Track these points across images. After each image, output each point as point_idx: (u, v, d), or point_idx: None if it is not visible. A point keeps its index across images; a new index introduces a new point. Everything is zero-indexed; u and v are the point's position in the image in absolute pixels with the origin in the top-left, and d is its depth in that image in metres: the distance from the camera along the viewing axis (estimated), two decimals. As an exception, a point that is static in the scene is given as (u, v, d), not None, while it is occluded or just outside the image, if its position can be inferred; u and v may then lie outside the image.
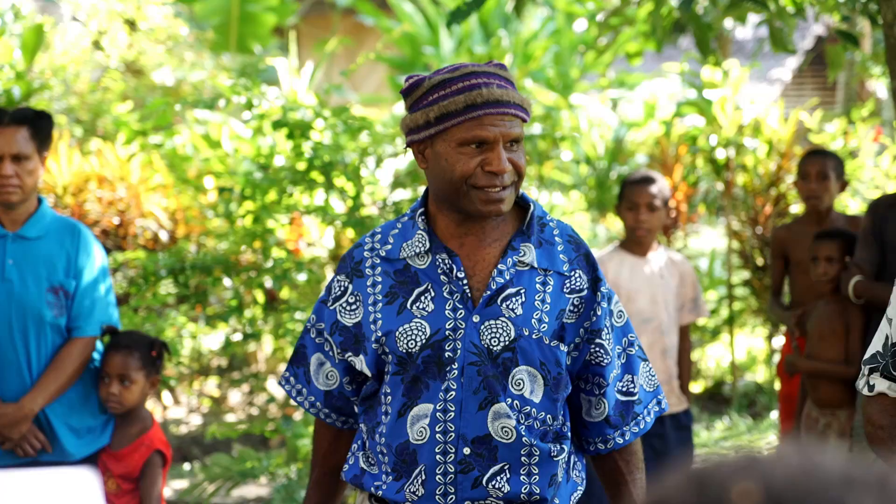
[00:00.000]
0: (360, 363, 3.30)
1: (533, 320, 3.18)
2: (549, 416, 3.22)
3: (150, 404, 9.23)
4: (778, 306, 6.94)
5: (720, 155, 10.09)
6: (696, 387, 10.46)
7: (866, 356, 3.01)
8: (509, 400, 3.16)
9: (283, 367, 8.64)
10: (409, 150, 3.30)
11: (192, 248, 8.50)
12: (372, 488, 3.30)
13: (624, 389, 3.35)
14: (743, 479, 1.01)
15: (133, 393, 5.00)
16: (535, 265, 3.22)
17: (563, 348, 3.22)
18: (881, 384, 2.95)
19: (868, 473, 1.00)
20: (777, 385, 8.67)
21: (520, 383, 3.17)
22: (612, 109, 12.27)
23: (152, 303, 7.27)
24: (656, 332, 6.31)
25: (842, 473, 1.00)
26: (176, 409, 9.98)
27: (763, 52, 16.70)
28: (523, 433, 3.16)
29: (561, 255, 3.26)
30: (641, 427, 3.38)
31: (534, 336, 3.17)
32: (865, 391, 3.00)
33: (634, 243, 6.35)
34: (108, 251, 8.32)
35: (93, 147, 9.74)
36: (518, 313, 3.18)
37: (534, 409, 3.19)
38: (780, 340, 10.02)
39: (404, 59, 14.29)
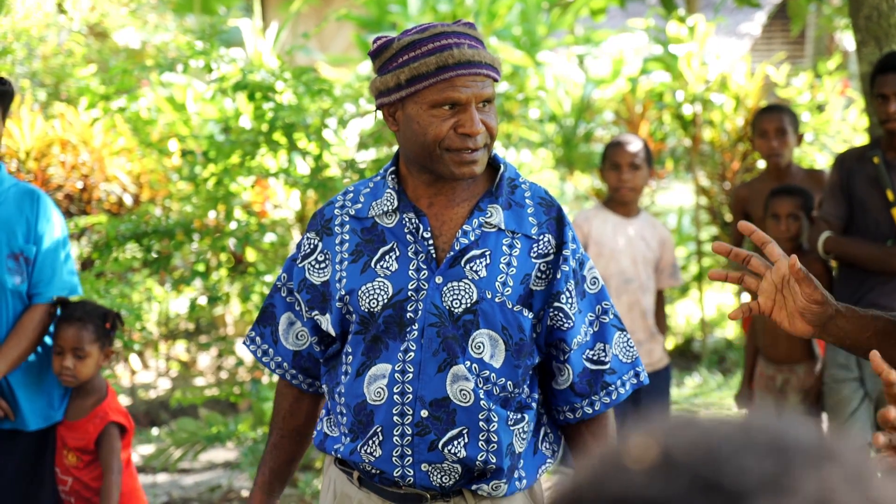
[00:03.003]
0: (326, 322, 3.28)
1: (497, 283, 3.15)
2: (509, 382, 3.19)
3: (120, 369, 9.21)
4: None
5: (687, 111, 10.09)
6: (667, 344, 10.48)
7: None
8: (468, 363, 3.13)
9: (250, 329, 8.61)
10: (379, 112, 3.24)
11: (157, 211, 8.45)
12: (332, 451, 3.28)
13: (594, 357, 3.29)
14: (649, 437, 1.00)
15: (87, 366, 4.93)
16: (503, 227, 3.18)
17: (528, 314, 3.18)
18: None
19: (774, 439, 0.99)
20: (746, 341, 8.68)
21: (479, 346, 3.14)
22: (579, 66, 12.23)
23: (115, 268, 7.23)
24: (637, 291, 6.37)
25: (746, 437, 0.98)
26: (145, 374, 9.96)
27: (730, 6, 16.68)
28: (481, 397, 3.13)
29: (530, 218, 3.22)
30: (613, 398, 3.32)
31: (496, 300, 3.14)
32: None
33: (618, 203, 6.41)
34: (71, 216, 8.27)
35: (56, 111, 9.66)
36: (482, 275, 3.15)
37: (493, 374, 3.16)
38: (748, 297, 10.02)
39: (371, 18, 14.20)
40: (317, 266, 3.28)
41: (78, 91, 9.32)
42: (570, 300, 3.23)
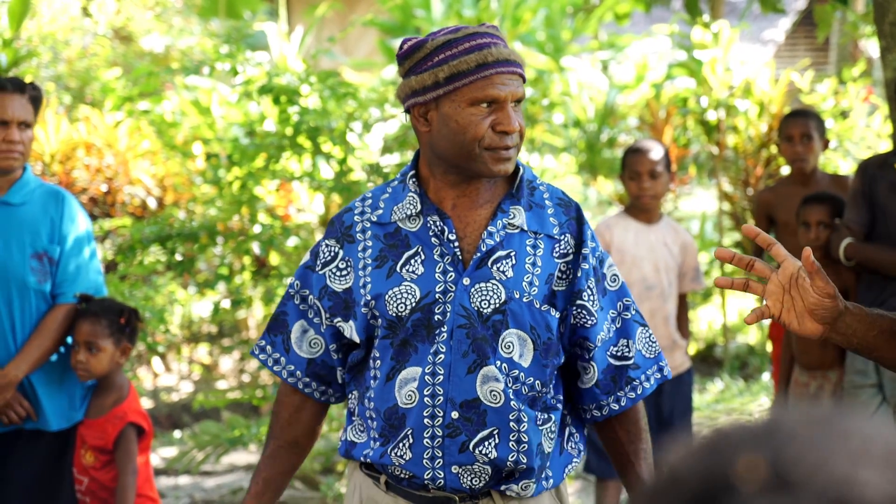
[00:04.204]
0: (350, 329, 3.25)
1: (524, 283, 3.15)
2: (537, 381, 3.19)
3: (142, 372, 9.24)
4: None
5: (711, 117, 10.07)
6: (689, 349, 10.46)
7: None
8: (498, 363, 3.12)
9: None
10: (406, 115, 3.23)
11: (181, 214, 8.47)
12: (361, 457, 3.27)
13: (618, 354, 3.29)
14: (752, 451, 0.98)
15: (101, 361, 4.92)
16: (525, 227, 3.18)
17: (555, 314, 3.18)
18: None
19: (888, 448, 0.97)
20: (769, 347, 8.66)
21: (509, 346, 3.14)
22: (603, 72, 12.23)
23: (138, 271, 7.25)
24: (659, 298, 6.35)
25: (856, 448, 0.97)
26: (167, 377, 9.98)
27: (755, 12, 16.66)
28: (511, 397, 3.13)
29: (551, 219, 3.22)
30: (639, 393, 3.32)
31: (524, 299, 3.14)
32: None
33: (640, 210, 6.38)
34: (95, 219, 8.30)
35: (81, 114, 9.70)
36: (509, 276, 3.14)
37: (522, 374, 3.15)
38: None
39: (395, 23, 14.22)
40: (338, 273, 3.27)
41: (102, 93, 9.35)
42: (591, 297, 3.23)
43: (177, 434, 8.56)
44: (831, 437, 0.98)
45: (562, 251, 3.21)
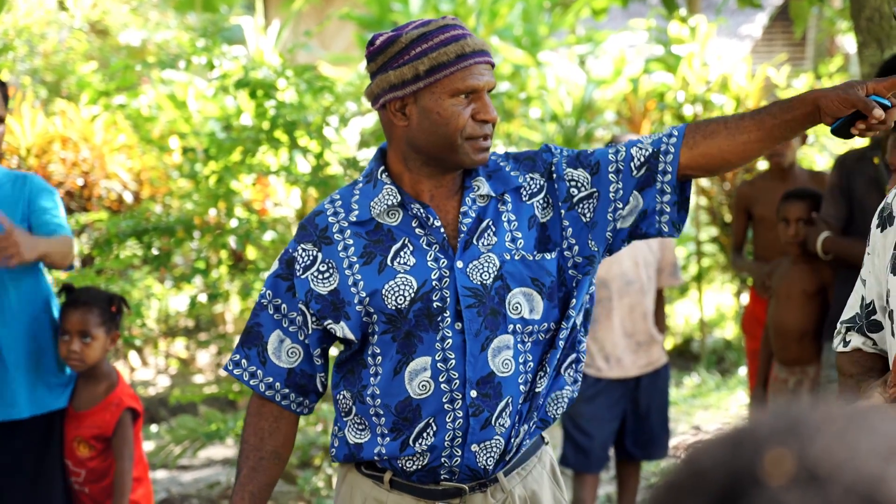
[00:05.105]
0: (342, 329, 3.22)
1: (507, 243, 3.17)
2: (552, 323, 3.22)
3: (119, 366, 9.21)
4: (742, 260, 6.99)
5: (688, 111, 10.09)
6: (666, 344, 10.48)
7: (845, 317, 3.03)
8: (511, 326, 3.16)
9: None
10: (380, 111, 3.22)
11: (158, 208, 8.45)
12: (375, 455, 3.25)
13: (640, 145, 3.21)
14: (778, 444, 0.96)
15: (94, 349, 4.92)
16: (493, 193, 3.20)
17: (550, 256, 3.19)
18: (857, 340, 2.98)
19: None
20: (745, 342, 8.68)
21: (517, 307, 3.16)
22: (580, 66, 12.24)
23: (115, 265, 7.23)
24: (639, 293, 6.36)
25: (884, 444, 0.95)
26: (144, 371, 9.96)
27: (732, 7, 16.67)
28: (520, 362, 3.17)
29: (512, 172, 3.24)
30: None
31: (516, 256, 3.16)
32: (840, 347, 3.03)
33: None
34: (72, 213, 8.28)
35: (57, 108, 9.67)
36: (494, 242, 3.17)
37: (535, 326, 3.19)
38: (748, 297, 10.04)
39: (372, 17, 14.20)
40: (320, 276, 3.23)
41: (79, 87, 9.32)
42: (583, 174, 3.21)
43: (153, 428, 8.55)
44: (858, 433, 0.97)
45: (531, 191, 3.24)
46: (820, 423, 0.99)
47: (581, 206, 3.20)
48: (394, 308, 3.16)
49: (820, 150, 10.26)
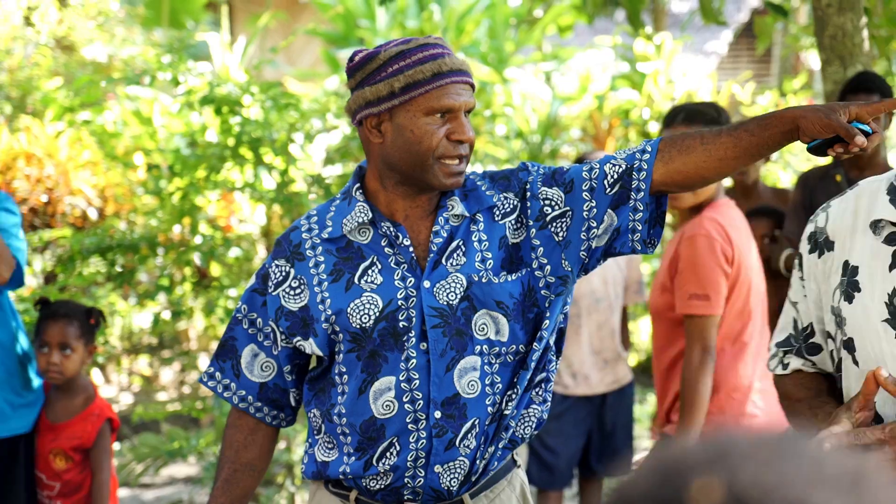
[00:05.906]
0: (311, 346, 3.22)
1: (476, 263, 3.16)
2: (521, 345, 3.20)
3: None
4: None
5: (653, 128, 10.11)
6: (630, 361, 10.49)
7: (779, 339, 3.00)
8: (478, 347, 3.14)
9: (215, 344, 8.59)
10: (357, 127, 3.21)
11: (122, 225, 8.42)
12: (339, 473, 3.25)
13: (613, 161, 3.17)
14: (706, 473, 0.97)
15: (73, 362, 4.94)
16: (466, 213, 3.19)
17: (513, 277, 3.16)
18: (796, 362, 2.96)
19: (840, 470, 0.97)
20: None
21: (483, 328, 3.15)
22: (546, 83, 12.27)
23: (78, 282, 7.20)
24: (607, 311, 6.37)
25: (809, 470, 0.96)
26: (107, 388, 9.91)
27: (697, 24, 16.74)
28: (486, 384, 3.15)
29: (487, 192, 3.23)
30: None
31: (483, 279, 3.15)
32: (780, 370, 3.00)
33: None
34: (35, 229, 8.24)
35: (22, 124, 9.63)
36: (463, 262, 3.15)
37: (503, 348, 3.17)
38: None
39: (339, 33, 14.21)
40: (292, 293, 3.24)
41: (44, 103, 9.29)
42: (557, 192, 3.17)
43: (116, 446, 8.50)
44: (785, 459, 0.97)
45: (504, 211, 3.22)
46: (748, 450, 0.99)
47: (554, 224, 3.17)
48: (358, 327, 3.15)
49: (784, 167, 10.29)
